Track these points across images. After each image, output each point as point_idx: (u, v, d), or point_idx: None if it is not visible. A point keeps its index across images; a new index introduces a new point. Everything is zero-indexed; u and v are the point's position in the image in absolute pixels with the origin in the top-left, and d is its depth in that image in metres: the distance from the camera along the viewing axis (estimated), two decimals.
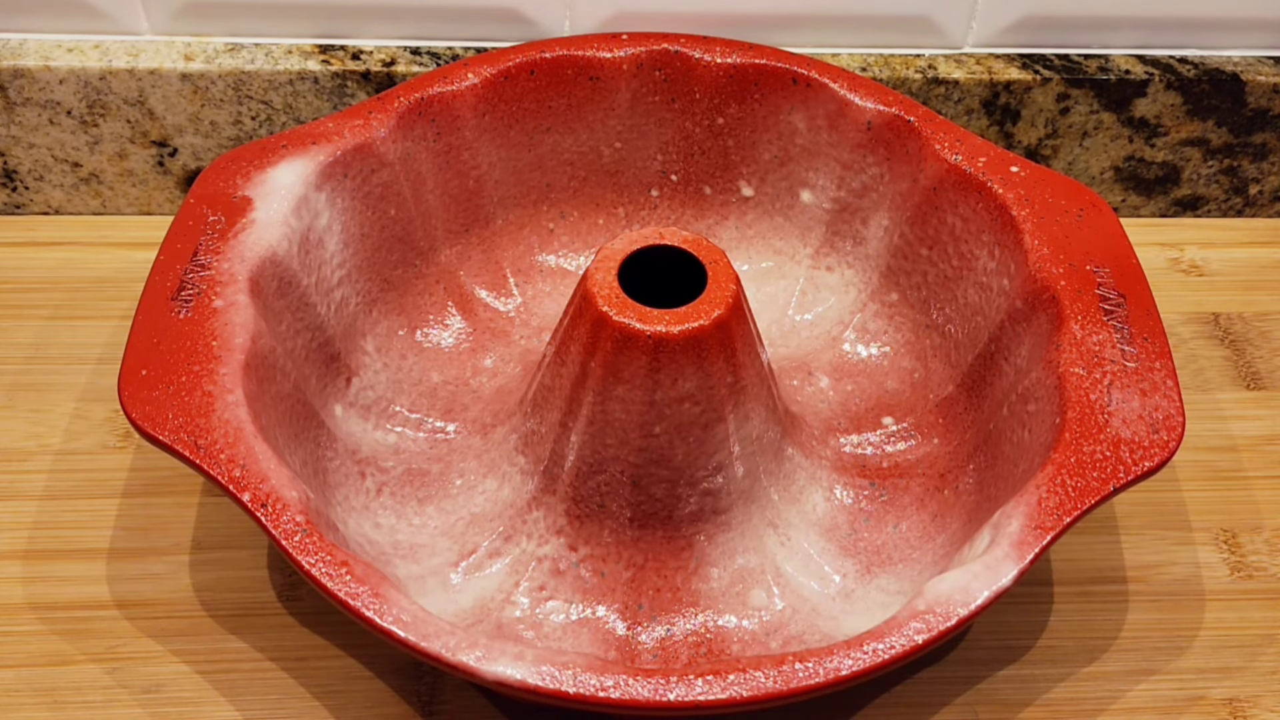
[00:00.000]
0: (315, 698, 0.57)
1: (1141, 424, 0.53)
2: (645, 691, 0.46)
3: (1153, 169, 0.79)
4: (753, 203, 0.71)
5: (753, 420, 0.58)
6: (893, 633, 0.47)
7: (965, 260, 0.64)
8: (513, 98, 0.67)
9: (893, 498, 0.62)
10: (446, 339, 0.68)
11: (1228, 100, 0.76)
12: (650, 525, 0.58)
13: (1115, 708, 0.58)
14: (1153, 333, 0.57)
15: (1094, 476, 0.52)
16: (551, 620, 0.57)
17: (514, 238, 0.71)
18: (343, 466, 0.60)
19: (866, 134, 0.66)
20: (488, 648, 0.47)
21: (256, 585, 0.61)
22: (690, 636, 0.58)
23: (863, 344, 0.68)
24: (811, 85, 0.67)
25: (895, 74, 0.75)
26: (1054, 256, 0.59)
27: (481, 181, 0.68)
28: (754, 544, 0.59)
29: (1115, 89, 0.75)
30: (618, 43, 0.67)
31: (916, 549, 0.60)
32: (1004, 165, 0.63)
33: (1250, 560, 0.64)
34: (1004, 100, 0.76)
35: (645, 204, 0.72)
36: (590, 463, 0.57)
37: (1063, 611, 0.62)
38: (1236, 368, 0.72)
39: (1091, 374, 0.55)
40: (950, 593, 0.48)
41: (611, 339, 0.54)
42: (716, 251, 0.57)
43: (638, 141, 0.70)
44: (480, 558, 0.59)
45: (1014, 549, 0.49)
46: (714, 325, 0.54)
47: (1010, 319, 0.60)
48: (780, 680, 0.46)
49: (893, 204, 0.67)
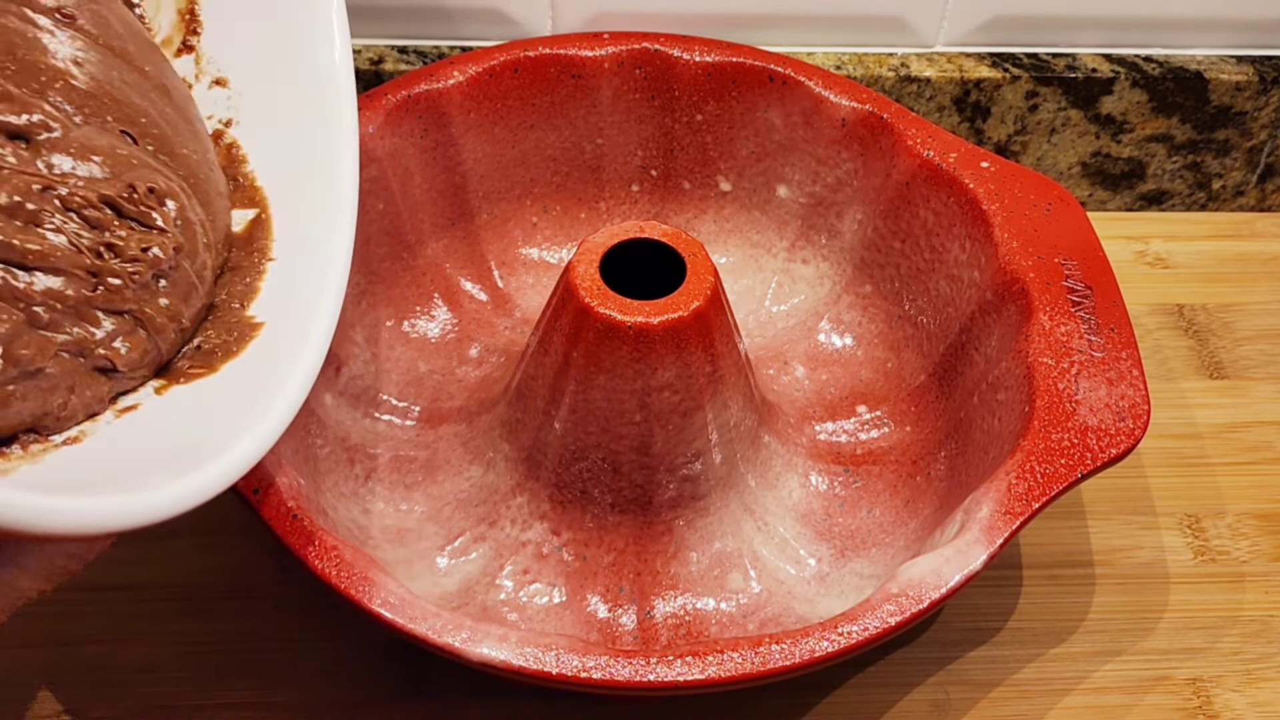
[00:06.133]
0: (306, 678, 0.58)
1: (1108, 412, 0.54)
2: (626, 672, 0.47)
3: (1119, 164, 0.80)
4: (731, 197, 0.72)
5: (731, 409, 0.58)
6: (866, 615, 0.48)
7: (937, 253, 0.64)
8: (497, 95, 0.67)
9: (866, 484, 0.63)
10: (433, 330, 0.68)
11: (1191, 98, 0.77)
12: (631, 511, 0.58)
13: (1082, 687, 0.59)
14: (1119, 323, 0.57)
15: (1062, 463, 0.52)
16: (535, 603, 0.58)
17: (498, 231, 0.71)
18: (333, 454, 0.60)
19: (841, 130, 0.66)
20: (473, 630, 0.47)
21: (248, 568, 0.61)
22: (670, 619, 0.58)
23: (837, 334, 0.69)
24: (788, 83, 0.67)
25: (869, 72, 0.75)
26: (1023, 249, 0.59)
27: (467, 177, 0.68)
28: (732, 529, 0.60)
29: (1082, 87, 0.76)
30: (599, 42, 0.68)
31: (889, 534, 0.61)
32: (974, 161, 0.63)
33: (1213, 544, 0.65)
34: (974, 97, 0.76)
35: (626, 198, 0.72)
36: (572, 450, 0.58)
37: (1031, 594, 0.62)
38: (1200, 357, 0.73)
39: (1059, 363, 0.55)
40: (922, 576, 0.49)
41: (593, 329, 0.54)
42: (695, 245, 0.57)
43: (619, 138, 0.70)
44: (466, 542, 0.59)
45: (984, 534, 0.50)
46: (693, 316, 0.55)
47: (981, 310, 0.61)
48: (757, 661, 0.47)
49: (866, 198, 0.67)
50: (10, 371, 0.39)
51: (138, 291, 0.44)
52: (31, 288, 0.41)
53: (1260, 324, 0.75)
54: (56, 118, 0.45)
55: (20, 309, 0.40)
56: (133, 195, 0.45)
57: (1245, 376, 0.72)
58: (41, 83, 0.46)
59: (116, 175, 0.45)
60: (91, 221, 0.43)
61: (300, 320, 0.48)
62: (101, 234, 0.44)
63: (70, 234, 0.43)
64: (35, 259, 0.41)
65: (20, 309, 0.40)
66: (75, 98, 0.46)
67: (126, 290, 0.44)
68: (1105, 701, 0.59)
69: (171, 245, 0.46)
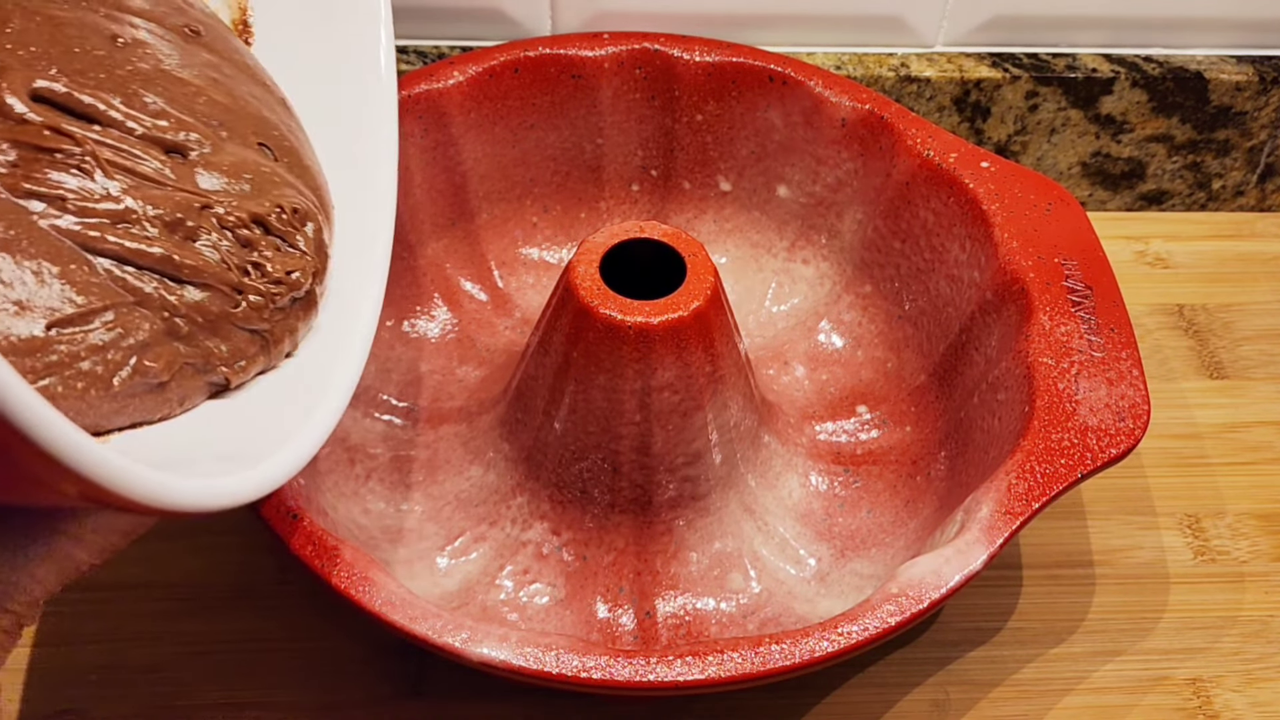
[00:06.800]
0: (306, 678, 0.58)
1: (1108, 412, 0.54)
2: (626, 672, 0.47)
3: (1119, 164, 0.80)
4: (731, 197, 0.72)
5: (731, 409, 0.58)
6: (866, 615, 0.48)
7: (937, 253, 0.64)
8: (497, 95, 0.67)
9: (866, 484, 0.63)
10: (433, 330, 0.68)
11: (1191, 98, 0.77)
12: (631, 511, 0.59)
13: (1082, 688, 0.59)
14: (1119, 323, 0.57)
15: (1062, 463, 0.52)
16: (535, 603, 0.58)
17: (498, 231, 0.71)
18: (332, 454, 0.60)
19: (841, 130, 0.66)
20: (473, 630, 0.47)
21: (248, 568, 0.61)
22: (670, 619, 0.58)
23: (837, 334, 0.69)
24: (788, 83, 0.67)
25: (869, 72, 0.75)
26: (1023, 249, 0.59)
27: (467, 177, 0.68)
28: (732, 529, 0.60)
29: (1082, 87, 0.76)
30: (599, 42, 0.68)
31: (889, 534, 0.61)
32: (974, 161, 0.63)
33: (1213, 544, 0.65)
34: (974, 97, 0.76)
35: (626, 198, 0.72)
36: (573, 450, 0.58)
37: (1031, 594, 0.62)
38: (1200, 357, 0.73)
39: (1059, 363, 0.55)
40: (922, 576, 0.49)
41: (593, 329, 0.55)
42: (695, 244, 0.57)
43: (619, 138, 0.70)
44: (466, 542, 0.59)
45: (984, 534, 0.50)
46: (693, 316, 0.55)
47: (980, 310, 0.61)
48: (757, 661, 0.47)
49: (866, 198, 0.67)
50: (135, 382, 0.40)
51: (273, 312, 0.46)
52: (181, 299, 0.42)
53: (1260, 324, 0.75)
54: (206, 134, 0.46)
55: (163, 319, 0.42)
56: (280, 215, 0.47)
57: (1245, 376, 0.72)
58: (189, 98, 0.47)
59: (263, 193, 0.47)
60: (242, 240, 0.45)
61: (349, 318, 0.50)
62: (250, 252, 0.45)
63: (224, 251, 0.44)
64: (190, 273, 0.43)
65: (163, 319, 0.42)
66: (218, 113, 0.48)
67: (265, 310, 0.45)
68: (1105, 701, 0.59)
69: (311, 269, 0.47)
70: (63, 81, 0.43)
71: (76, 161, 0.42)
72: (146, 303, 0.41)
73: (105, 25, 0.47)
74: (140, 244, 0.42)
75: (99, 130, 0.43)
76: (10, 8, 0.45)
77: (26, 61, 0.43)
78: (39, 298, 0.39)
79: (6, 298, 0.38)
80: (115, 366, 0.39)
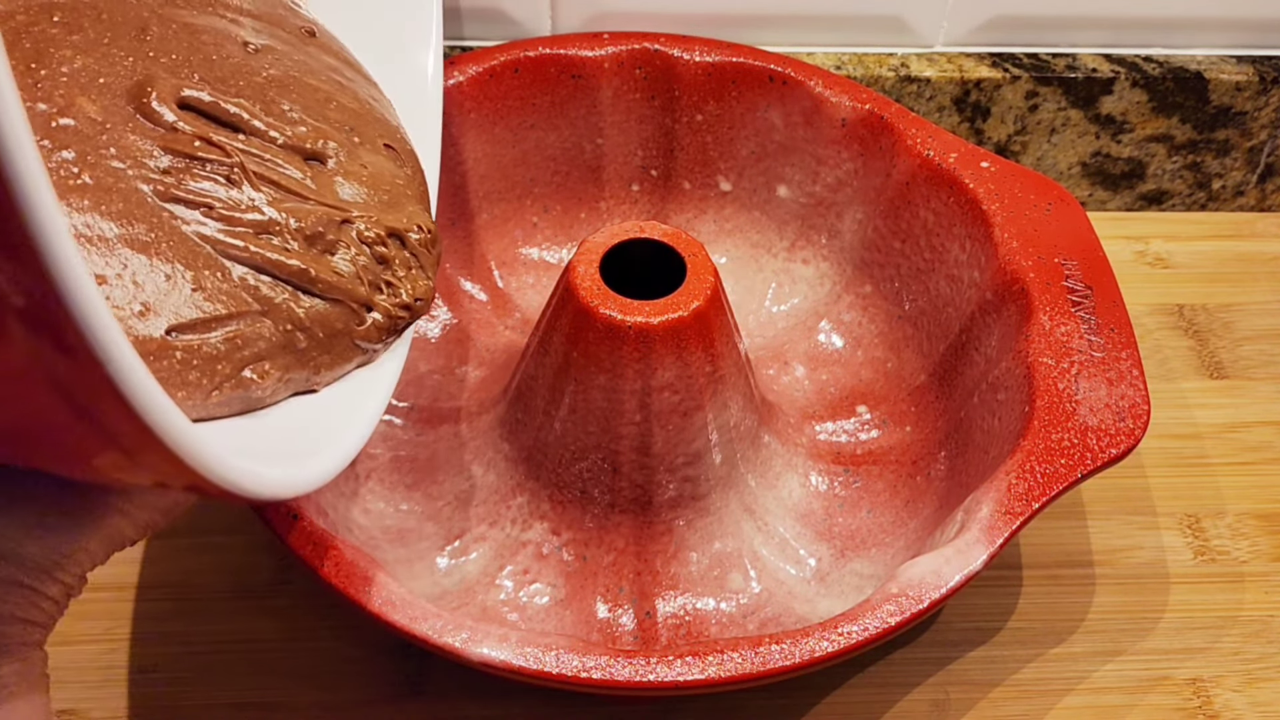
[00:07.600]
0: (306, 678, 0.58)
1: (1108, 412, 0.54)
2: (626, 672, 0.47)
3: (1119, 164, 0.80)
4: (731, 197, 0.72)
5: (731, 409, 0.58)
6: (866, 615, 0.48)
7: (937, 253, 0.64)
8: (497, 95, 0.67)
9: (866, 484, 0.63)
10: (433, 330, 0.68)
11: (1191, 98, 0.77)
12: (631, 511, 0.59)
13: (1082, 687, 0.59)
14: (1119, 323, 0.57)
15: (1062, 463, 0.52)
16: (535, 603, 0.58)
17: (498, 231, 0.71)
18: None
19: (841, 130, 0.66)
20: (473, 630, 0.47)
21: (248, 568, 0.61)
22: (670, 619, 0.58)
23: (837, 334, 0.69)
24: (788, 83, 0.67)
25: (869, 72, 0.75)
26: (1023, 249, 0.59)
27: (467, 177, 0.68)
28: (732, 529, 0.60)
29: (1082, 87, 0.76)
30: (599, 42, 0.68)
31: (889, 533, 0.61)
32: (974, 161, 0.63)
33: (1213, 544, 0.65)
34: (974, 97, 0.76)
35: (626, 198, 0.72)
36: (572, 450, 0.58)
37: (1031, 594, 0.62)
38: (1200, 357, 0.73)
39: (1059, 363, 0.55)
40: (922, 576, 0.49)
41: (593, 329, 0.55)
42: (695, 244, 0.57)
43: (619, 138, 0.70)
44: (466, 542, 0.59)
45: (984, 534, 0.50)
46: (693, 316, 0.55)
47: (980, 310, 0.61)
48: (757, 661, 0.47)
49: (866, 198, 0.67)
50: (231, 395, 0.40)
51: (391, 335, 0.46)
52: (308, 311, 0.43)
53: (1260, 324, 0.75)
54: (341, 140, 0.47)
55: (284, 331, 0.42)
56: (419, 232, 0.47)
57: (1245, 376, 0.72)
58: (321, 104, 0.48)
59: (400, 207, 0.47)
60: (378, 256, 0.45)
61: None
62: (384, 270, 0.46)
63: (359, 266, 0.45)
64: (324, 288, 0.43)
65: (284, 331, 0.42)
66: (348, 118, 0.48)
67: (385, 332, 0.46)
68: (1105, 701, 0.59)
69: (434, 293, 0.48)
70: (207, 90, 0.44)
71: (226, 172, 0.42)
72: (272, 313, 0.41)
73: (235, 31, 0.47)
74: (280, 255, 0.42)
75: (243, 140, 0.44)
76: (146, 15, 0.45)
77: (171, 69, 0.44)
78: (166, 301, 0.39)
79: (135, 298, 0.38)
80: (221, 379, 0.40)
